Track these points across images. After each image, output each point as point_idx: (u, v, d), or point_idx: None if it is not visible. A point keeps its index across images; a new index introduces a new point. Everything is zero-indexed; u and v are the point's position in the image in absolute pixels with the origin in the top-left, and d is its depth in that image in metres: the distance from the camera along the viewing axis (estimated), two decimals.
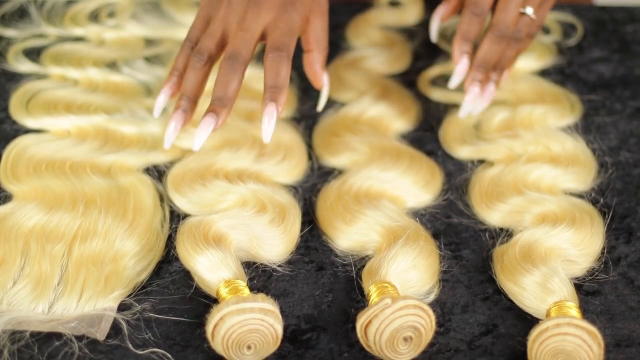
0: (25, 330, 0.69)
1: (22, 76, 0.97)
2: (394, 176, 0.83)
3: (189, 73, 0.81)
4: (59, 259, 0.74)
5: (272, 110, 0.78)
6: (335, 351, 0.69)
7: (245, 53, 0.79)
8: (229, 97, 0.79)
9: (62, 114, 0.90)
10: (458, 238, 0.79)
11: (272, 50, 0.79)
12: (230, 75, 0.79)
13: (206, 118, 0.78)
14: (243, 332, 0.66)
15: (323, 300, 0.73)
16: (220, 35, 0.81)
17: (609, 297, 0.74)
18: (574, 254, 0.75)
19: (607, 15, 1.09)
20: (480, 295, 0.74)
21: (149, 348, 0.68)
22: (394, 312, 0.66)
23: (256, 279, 0.75)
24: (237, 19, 0.81)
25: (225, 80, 0.79)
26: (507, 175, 0.83)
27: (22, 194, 0.81)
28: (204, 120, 0.78)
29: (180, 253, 0.74)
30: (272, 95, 0.78)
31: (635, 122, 0.93)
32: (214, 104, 0.78)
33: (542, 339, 0.65)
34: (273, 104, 0.78)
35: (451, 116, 0.93)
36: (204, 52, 0.81)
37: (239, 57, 0.79)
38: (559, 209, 0.79)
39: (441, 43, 1.05)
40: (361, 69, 0.99)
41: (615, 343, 0.70)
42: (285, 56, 0.79)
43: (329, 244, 0.78)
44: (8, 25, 1.06)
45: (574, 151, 0.86)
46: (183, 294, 0.73)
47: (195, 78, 0.81)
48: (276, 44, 0.80)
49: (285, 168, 0.85)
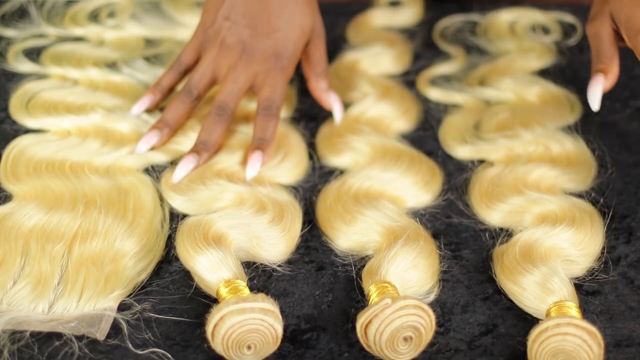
0: (25, 330, 0.68)
1: (22, 76, 0.97)
2: (394, 176, 0.83)
3: (174, 103, 0.86)
4: (59, 259, 0.74)
5: (259, 157, 0.83)
6: (335, 351, 0.69)
7: (232, 105, 0.85)
8: (212, 143, 0.84)
9: (62, 114, 0.90)
10: (458, 238, 0.79)
11: (262, 109, 0.85)
12: (216, 125, 0.84)
13: (189, 157, 0.83)
14: (243, 332, 0.66)
15: (323, 300, 0.73)
16: (211, 76, 0.87)
17: (609, 297, 0.74)
18: (574, 254, 0.75)
19: None
20: (480, 295, 0.74)
21: (149, 348, 0.68)
22: (394, 312, 0.66)
23: (256, 279, 0.75)
24: (228, 63, 0.86)
25: (211, 129, 0.84)
26: (507, 175, 0.83)
27: (22, 194, 0.81)
28: (186, 158, 0.83)
29: (180, 253, 0.74)
30: (260, 145, 0.83)
31: (635, 122, 0.93)
32: (198, 146, 0.84)
33: (542, 338, 0.65)
34: (260, 152, 0.83)
35: (451, 116, 0.93)
36: (194, 91, 0.86)
37: (227, 109, 0.85)
38: (559, 209, 0.79)
39: (441, 43, 1.05)
40: (361, 70, 0.99)
41: (615, 343, 0.70)
42: (274, 114, 0.85)
43: (329, 244, 0.78)
44: (8, 25, 1.06)
45: (574, 151, 0.86)
46: (183, 294, 0.73)
47: (179, 111, 0.86)
48: (266, 103, 0.85)
49: (285, 168, 0.85)
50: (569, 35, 1.07)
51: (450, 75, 1.00)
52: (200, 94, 0.86)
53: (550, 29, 1.07)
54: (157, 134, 0.85)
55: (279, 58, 0.86)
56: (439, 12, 1.10)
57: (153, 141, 0.85)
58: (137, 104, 0.89)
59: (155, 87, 0.89)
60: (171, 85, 0.89)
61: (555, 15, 1.09)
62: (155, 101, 0.89)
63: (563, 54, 1.03)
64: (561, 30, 1.07)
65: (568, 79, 0.99)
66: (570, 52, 1.04)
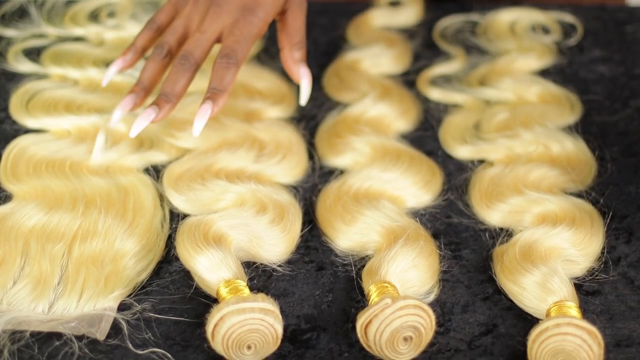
0: (25, 330, 0.69)
1: (22, 76, 0.97)
2: (394, 176, 0.83)
3: (148, 63, 0.84)
4: (59, 258, 0.74)
5: (207, 108, 0.80)
6: (335, 351, 0.69)
7: (197, 54, 0.82)
8: (175, 94, 0.81)
9: (62, 114, 0.90)
10: (458, 238, 0.79)
11: (221, 57, 0.82)
12: (179, 74, 0.81)
13: (148, 109, 0.80)
14: (243, 332, 0.66)
15: (323, 300, 0.73)
16: (182, 32, 0.84)
17: (609, 297, 0.74)
18: (574, 253, 0.75)
19: (607, 15, 1.09)
20: (480, 295, 0.74)
21: (149, 348, 0.68)
22: (394, 312, 0.66)
23: (256, 278, 0.75)
24: (199, 18, 0.84)
25: (174, 79, 0.81)
26: (507, 175, 0.83)
27: (22, 194, 0.81)
28: (145, 110, 0.80)
29: (180, 253, 0.74)
30: (211, 95, 0.81)
31: (635, 122, 0.93)
32: (160, 98, 0.81)
33: (542, 338, 0.65)
34: (210, 102, 0.80)
35: (451, 116, 0.93)
36: (165, 46, 0.84)
37: (190, 57, 0.82)
38: (559, 209, 0.79)
39: (441, 43, 1.05)
40: (361, 70, 0.99)
41: (615, 343, 0.70)
42: (234, 63, 0.82)
43: (329, 244, 0.78)
44: (8, 25, 1.06)
45: (574, 151, 0.86)
46: (183, 293, 0.73)
47: (153, 69, 0.84)
48: (226, 51, 0.82)
49: (285, 168, 0.85)
50: (569, 35, 1.07)
51: (450, 75, 1.00)
52: (171, 49, 0.84)
53: (550, 29, 1.07)
54: (131, 98, 0.83)
55: (248, 11, 0.83)
56: (439, 12, 1.10)
57: (128, 107, 0.82)
58: (108, 70, 0.86)
59: (128, 48, 0.87)
60: (145, 45, 0.87)
61: (555, 15, 1.09)
62: (129, 62, 0.86)
63: (563, 54, 1.03)
64: (561, 30, 1.07)
65: (568, 79, 0.99)
66: (570, 52, 1.04)
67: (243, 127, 0.88)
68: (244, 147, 0.86)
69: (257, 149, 0.86)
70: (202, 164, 0.83)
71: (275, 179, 0.84)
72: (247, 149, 0.85)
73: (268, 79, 0.97)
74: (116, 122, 0.82)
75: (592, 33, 1.06)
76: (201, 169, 0.83)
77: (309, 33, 1.06)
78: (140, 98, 0.83)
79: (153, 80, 0.84)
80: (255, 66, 0.99)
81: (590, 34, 1.06)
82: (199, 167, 0.83)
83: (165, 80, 0.82)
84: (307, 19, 0.88)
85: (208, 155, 0.85)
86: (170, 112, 0.81)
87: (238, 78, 0.95)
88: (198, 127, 0.80)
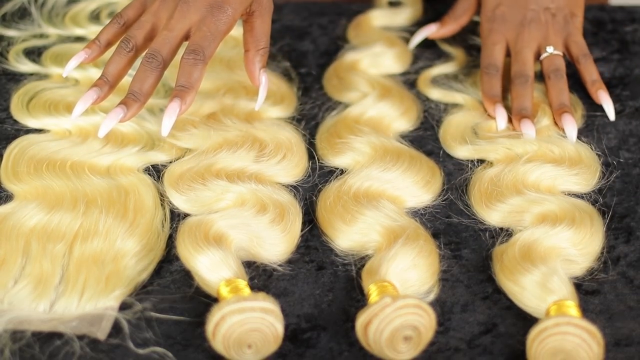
0: (27, 330, 0.69)
1: (23, 76, 0.98)
2: (394, 176, 0.83)
3: (113, 57, 0.83)
4: (60, 258, 0.74)
5: (175, 107, 0.80)
6: (335, 350, 0.69)
7: (165, 53, 0.82)
8: (143, 93, 0.81)
9: (63, 114, 0.90)
10: (458, 238, 0.79)
11: (188, 53, 0.81)
12: (147, 73, 0.81)
13: (116, 109, 0.80)
14: (243, 331, 0.66)
15: (323, 299, 0.73)
16: (150, 28, 0.84)
17: (609, 297, 0.74)
18: (574, 253, 0.76)
19: (607, 15, 1.09)
20: (479, 295, 0.74)
21: (149, 347, 0.68)
22: (394, 311, 0.66)
23: (257, 278, 0.75)
24: (166, 15, 0.83)
25: (142, 77, 0.81)
26: (506, 175, 0.83)
27: (23, 194, 0.81)
28: (113, 110, 0.80)
29: (181, 252, 0.74)
30: (179, 93, 0.80)
31: (634, 122, 0.93)
32: (128, 97, 0.81)
33: (542, 338, 0.66)
34: (178, 100, 0.80)
35: (451, 116, 0.93)
36: (131, 40, 0.83)
37: (158, 56, 0.81)
38: (559, 208, 0.79)
39: (441, 43, 1.05)
40: (361, 69, 0.99)
41: (615, 342, 0.70)
42: (201, 59, 0.81)
43: (329, 244, 0.78)
44: (9, 25, 1.06)
45: (577, 153, 0.86)
46: (184, 293, 0.73)
47: (118, 63, 0.83)
48: (194, 47, 0.81)
49: (285, 168, 0.85)
50: None
51: (451, 75, 1.00)
52: (137, 44, 0.83)
53: None
54: (94, 92, 0.82)
55: (216, 8, 0.83)
56: (438, 12, 1.10)
57: (90, 101, 0.82)
58: (69, 61, 0.85)
59: (93, 42, 0.86)
60: (109, 39, 0.85)
61: None
62: (92, 56, 0.85)
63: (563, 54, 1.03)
64: None
65: (568, 79, 0.99)
66: None
67: (243, 127, 0.88)
68: (244, 147, 0.86)
69: (257, 149, 0.86)
70: (202, 163, 0.84)
71: (275, 178, 0.84)
72: (247, 149, 0.85)
73: (268, 79, 0.97)
74: (77, 115, 0.82)
75: (591, 33, 1.06)
76: (202, 168, 0.83)
77: (309, 33, 1.06)
78: (104, 92, 0.82)
79: (118, 75, 0.83)
80: None
81: (590, 34, 1.06)
82: (199, 167, 0.83)
83: (133, 79, 0.81)
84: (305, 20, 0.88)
85: (208, 155, 0.85)
86: (138, 112, 0.81)
87: (238, 78, 0.96)
88: (167, 126, 0.79)
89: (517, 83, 0.92)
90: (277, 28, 1.06)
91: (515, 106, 0.91)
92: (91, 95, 0.81)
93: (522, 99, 0.91)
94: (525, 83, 0.92)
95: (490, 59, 0.95)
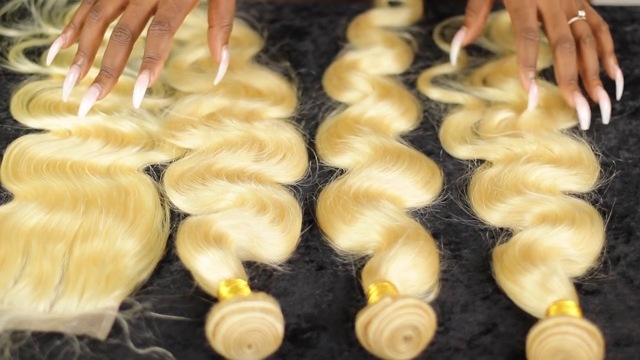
0: (27, 330, 0.69)
1: (23, 76, 0.97)
2: (394, 176, 0.83)
3: (85, 29, 0.85)
4: (60, 258, 0.74)
5: (145, 79, 0.82)
6: (335, 350, 0.69)
7: (133, 26, 0.84)
8: (114, 67, 0.83)
9: (63, 114, 0.90)
10: (458, 238, 0.79)
11: (155, 24, 0.83)
12: (117, 47, 0.83)
13: (91, 88, 0.82)
14: (243, 331, 0.66)
15: (323, 299, 0.73)
16: (121, 1, 0.85)
17: (609, 297, 0.74)
18: (574, 253, 0.76)
19: (607, 15, 1.09)
20: (479, 295, 0.74)
21: (149, 347, 0.68)
22: (394, 311, 0.66)
23: (257, 278, 0.75)
24: None
25: (112, 52, 0.83)
26: (506, 175, 0.83)
27: (23, 194, 0.81)
28: (89, 90, 0.83)
29: (181, 252, 0.74)
30: (147, 65, 0.82)
31: (634, 122, 0.93)
32: (101, 74, 0.83)
33: (542, 337, 0.66)
34: (147, 72, 0.82)
35: (451, 116, 0.93)
36: (100, 9, 0.85)
37: (126, 29, 0.83)
38: (559, 208, 0.79)
39: (441, 43, 1.05)
40: (361, 69, 0.99)
41: (615, 342, 0.70)
42: (167, 30, 0.83)
43: (329, 244, 0.78)
44: (9, 25, 1.06)
45: (577, 153, 0.86)
46: (184, 293, 0.73)
47: (90, 34, 0.85)
48: (160, 18, 0.83)
49: (285, 168, 0.85)
50: None
51: (451, 75, 1.00)
52: (107, 14, 0.85)
53: None
54: (76, 70, 0.84)
55: None
56: (438, 12, 1.10)
57: (76, 76, 0.84)
58: (50, 49, 0.87)
59: (68, 26, 0.88)
60: (82, 20, 0.87)
61: None
62: (70, 39, 0.87)
63: None
64: None
65: None
66: None
67: (243, 127, 0.88)
68: (245, 147, 0.86)
69: (257, 149, 0.86)
70: (202, 163, 0.84)
71: (275, 178, 0.84)
72: (247, 149, 0.85)
73: (268, 79, 0.97)
74: (67, 95, 0.84)
75: None
76: (202, 168, 0.83)
77: (309, 33, 1.06)
78: (84, 66, 0.85)
79: (93, 45, 0.85)
80: (255, 66, 0.99)
81: None
82: (199, 167, 0.83)
83: (104, 55, 0.83)
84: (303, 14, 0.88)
85: (208, 155, 0.85)
86: (113, 87, 0.83)
87: (238, 78, 0.96)
88: (138, 97, 0.81)
89: (564, 48, 0.89)
90: (277, 28, 1.07)
91: (563, 75, 0.90)
92: (73, 73, 0.84)
93: (570, 66, 0.89)
94: (571, 48, 0.89)
95: (528, 22, 0.90)
